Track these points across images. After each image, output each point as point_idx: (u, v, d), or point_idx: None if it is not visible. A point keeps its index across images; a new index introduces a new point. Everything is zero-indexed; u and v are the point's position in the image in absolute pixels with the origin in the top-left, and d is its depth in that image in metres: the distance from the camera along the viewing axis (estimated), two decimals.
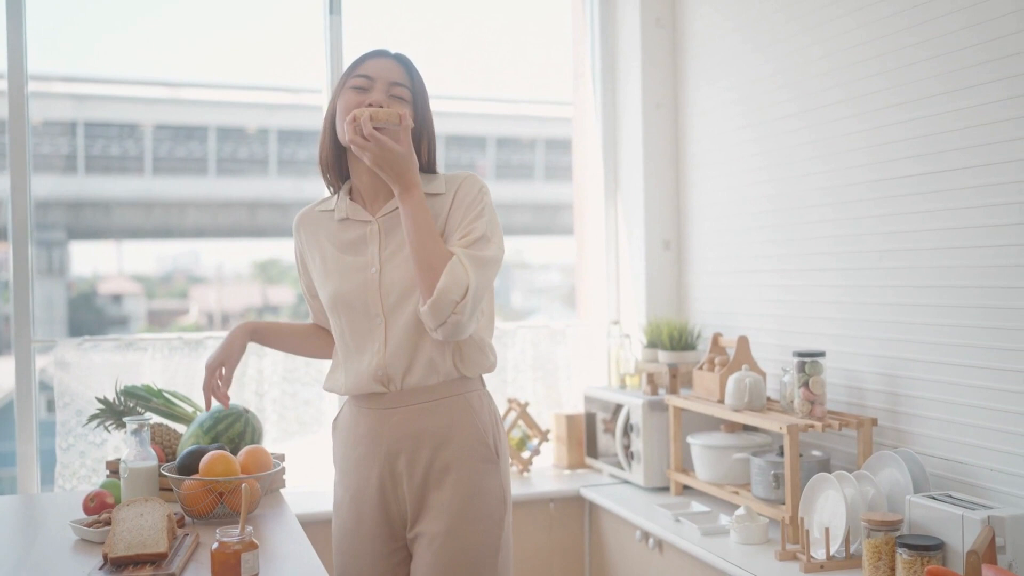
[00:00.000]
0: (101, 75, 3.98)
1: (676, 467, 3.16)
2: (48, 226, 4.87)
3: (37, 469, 3.28)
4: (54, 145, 4.39)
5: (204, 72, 3.72)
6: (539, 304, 7.66)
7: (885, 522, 2.25)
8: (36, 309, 3.51)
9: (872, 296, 2.76)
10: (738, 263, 3.39)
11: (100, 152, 4.43)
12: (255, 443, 2.72)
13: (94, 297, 5.87)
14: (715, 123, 3.51)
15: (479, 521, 2.03)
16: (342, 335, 2.12)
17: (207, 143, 4.88)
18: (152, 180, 4.27)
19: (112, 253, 5.84)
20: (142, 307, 6.50)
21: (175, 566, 1.99)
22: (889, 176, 2.68)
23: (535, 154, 4.87)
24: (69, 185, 4.55)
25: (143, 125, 4.42)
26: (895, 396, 2.68)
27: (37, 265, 3.92)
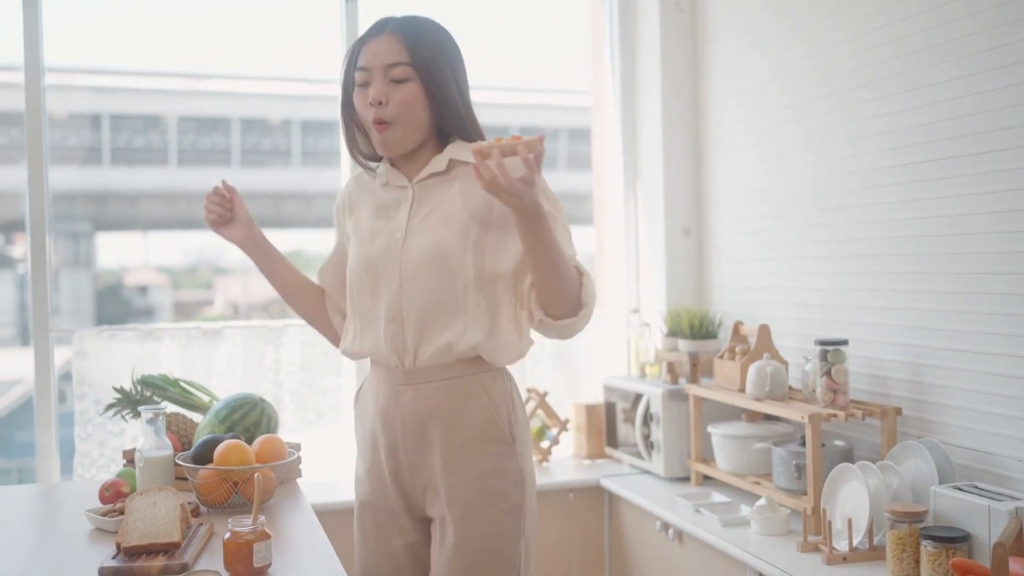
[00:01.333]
0: (125, 67, 3.99)
1: (697, 457, 3.13)
2: (74, 218, 4.89)
3: (56, 458, 3.28)
4: (79, 138, 4.40)
5: (227, 63, 3.73)
6: None
7: (909, 513, 2.20)
8: (63, 300, 3.52)
9: (896, 283, 2.71)
10: (759, 250, 3.34)
11: (125, 144, 4.43)
12: (271, 432, 2.70)
13: (120, 288, 5.91)
14: (735, 109, 3.46)
15: (496, 504, 1.99)
16: (363, 300, 2.06)
17: (231, 135, 4.87)
18: (177, 171, 4.27)
19: (138, 244, 5.87)
20: (168, 298, 6.52)
21: (188, 556, 1.97)
22: (913, 160, 2.62)
23: (558, 144, 4.83)
24: (94, 177, 4.56)
25: (167, 117, 4.41)
26: (920, 385, 2.63)
27: (64, 257, 3.93)
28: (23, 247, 5.30)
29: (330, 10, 3.58)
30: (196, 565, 1.99)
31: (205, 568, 1.94)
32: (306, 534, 2.22)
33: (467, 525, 1.98)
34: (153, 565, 1.93)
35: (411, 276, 1.96)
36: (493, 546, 1.99)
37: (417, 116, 1.96)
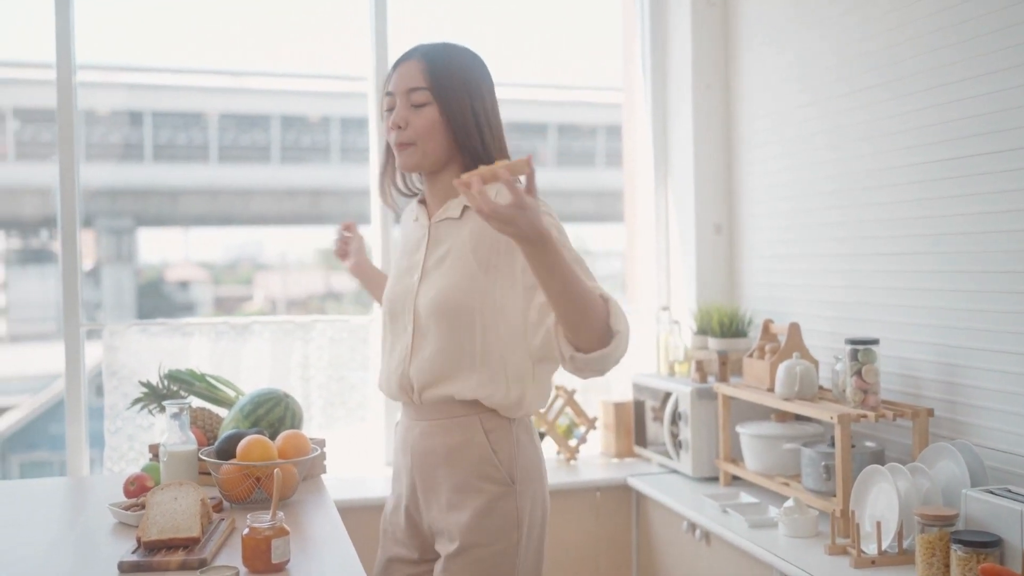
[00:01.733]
0: (167, 65, 4.03)
1: (725, 457, 3.09)
2: (116, 214, 4.95)
3: (86, 452, 3.31)
4: (122, 134, 4.45)
5: (267, 61, 3.75)
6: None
7: (939, 517, 2.15)
8: (105, 295, 3.56)
9: (929, 282, 2.65)
10: (791, 247, 3.29)
11: (166, 141, 4.48)
12: (295, 428, 2.70)
13: (162, 284, 5.98)
14: (767, 103, 3.41)
15: (489, 544, 1.96)
16: (384, 337, 2.11)
17: (270, 131, 4.90)
18: (217, 168, 4.31)
19: (179, 240, 5.94)
20: (208, 293, 6.59)
21: (207, 551, 1.98)
22: (951, 156, 2.57)
23: (596, 141, 4.81)
24: (136, 173, 4.61)
25: (208, 114, 4.45)
26: (953, 386, 2.57)
27: (106, 252, 3.96)
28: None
29: (360, 6, 3.58)
30: (216, 560, 1.99)
31: (224, 564, 1.94)
32: (327, 531, 2.21)
33: (458, 564, 1.96)
34: (172, 560, 1.93)
35: (422, 325, 1.98)
36: None
37: (435, 140, 1.96)
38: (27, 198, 4.01)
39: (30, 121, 3.87)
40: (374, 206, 3.57)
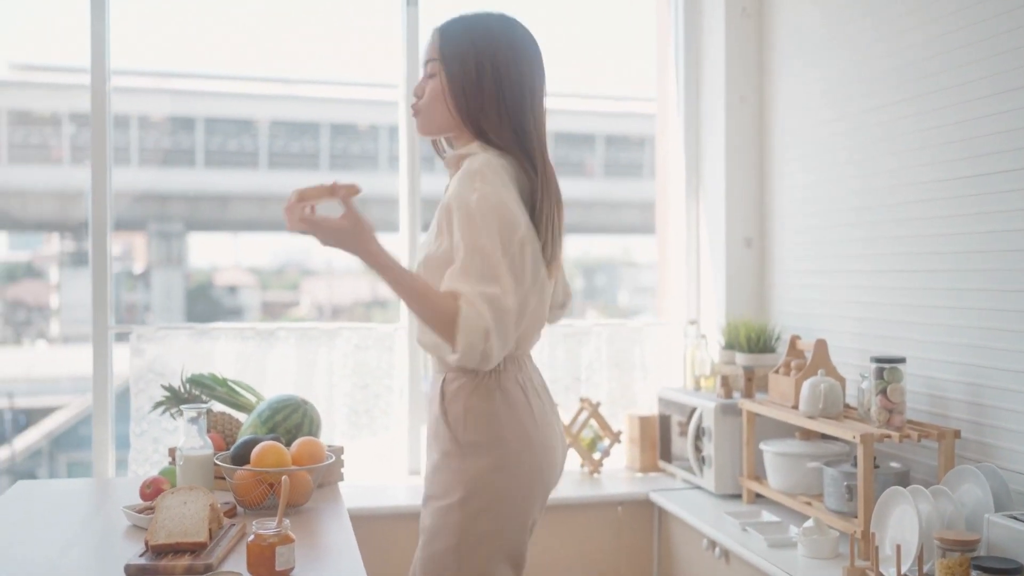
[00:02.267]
0: (220, 72, 4.09)
1: (749, 474, 3.04)
2: (168, 218, 5.03)
3: (112, 453, 3.34)
4: (175, 140, 4.52)
5: (317, 69, 3.78)
6: (645, 303, 7.60)
7: (960, 542, 2.09)
8: (155, 298, 3.61)
9: (956, 300, 2.60)
10: (821, 262, 3.24)
11: (218, 147, 4.54)
12: (312, 435, 2.71)
13: (210, 288, 6.06)
14: (801, 116, 3.36)
15: (439, 499, 2.00)
16: None
17: (320, 139, 4.94)
18: (267, 175, 4.36)
19: (229, 245, 6.02)
20: (256, 298, 6.66)
21: (214, 556, 1.98)
22: (981, 172, 2.51)
23: (643, 152, 4.80)
24: (188, 179, 4.68)
25: (259, 121, 4.51)
26: (981, 407, 2.51)
27: (156, 256, 4.01)
28: (120, 245, 5.48)
29: (393, 15, 3.59)
30: (223, 566, 1.99)
31: (229, 570, 1.94)
32: (337, 539, 2.21)
33: (424, 510, 2.05)
34: (177, 564, 1.93)
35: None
36: (428, 540, 2.02)
37: (436, 109, 2.01)
38: (81, 201, 4.10)
39: (86, 125, 3.96)
40: (403, 213, 3.57)
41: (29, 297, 5.58)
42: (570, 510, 3.25)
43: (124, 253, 5.68)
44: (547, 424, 2.03)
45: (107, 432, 3.32)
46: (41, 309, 5.41)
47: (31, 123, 3.79)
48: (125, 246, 5.69)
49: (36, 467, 7.42)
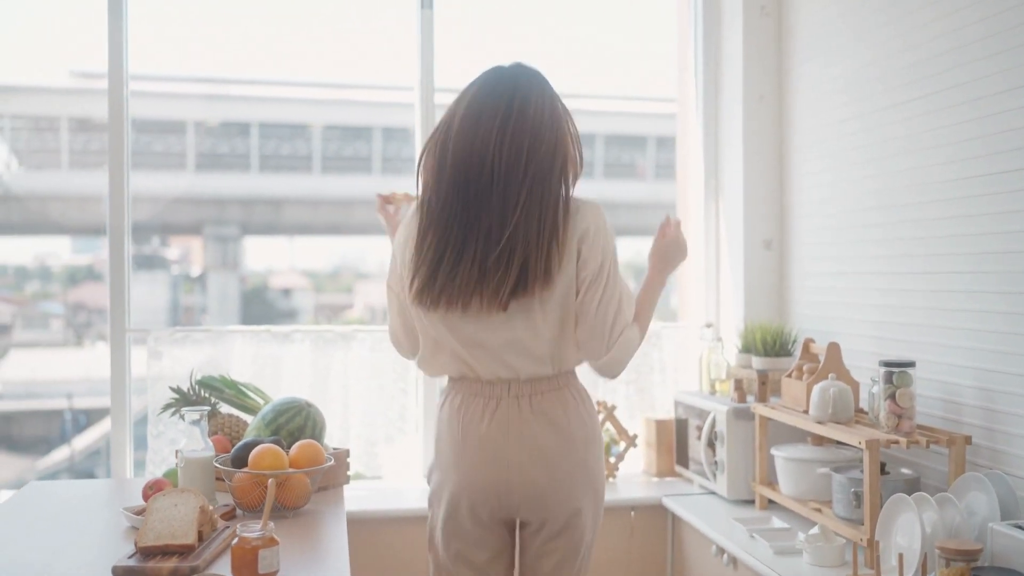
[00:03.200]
0: (275, 78, 4.16)
1: (761, 480, 2.99)
2: (223, 222, 5.11)
3: (130, 454, 3.38)
4: (231, 145, 4.59)
5: (369, 74, 3.83)
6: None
7: (961, 551, 2.04)
8: (210, 301, 3.69)
9: (977, 302, 2.53)
10: (840, 264, 3.18)
11: (272, 152, 4.61)
12: (315, 438, 2.72)
13: (265, 291, 6.14)
14: (820, 115, 3.30)
15: None
16: None
17: (372, 143, 4.98)
18: (321, 179, 4.41)
19: (284, 248, 6.10)
20: (310, 301, 6.72)
21: (201, 559, 1.98)
22: (998, 170, 2.44)
23: (646, 152, 4.79)
24: (243, 183, 4.76)
25: (313, 125, 4.56)
26: (993, 413, 2.44)
27: (212, 259, 4.07)
28: (178, 249, 5.59)
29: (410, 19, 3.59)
30: (212, 568, 2.00)
31: (216, 572, 1.94)
32: (328, 543, 2.21)
33: None
34: (163, 567, 1.95)
35: None
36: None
37: None
38: (140, 206, 4.21)
39: (143, 132, 4.04)
40: None
41: (90, 299, 5.72)
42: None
43: (182, 256, 5.80)
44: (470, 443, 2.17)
45: (125, 433, 3.36)
46: (101, 311, 5.57)
47: (91, 130, 3.91)
48: (183, 250, 5.80)
49: (95, 466, 7.55)
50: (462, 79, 2.18)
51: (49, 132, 4.10)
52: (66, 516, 2.47)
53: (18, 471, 6.73)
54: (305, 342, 3.47)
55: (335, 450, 2.82)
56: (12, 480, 4.79)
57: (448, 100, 2.16)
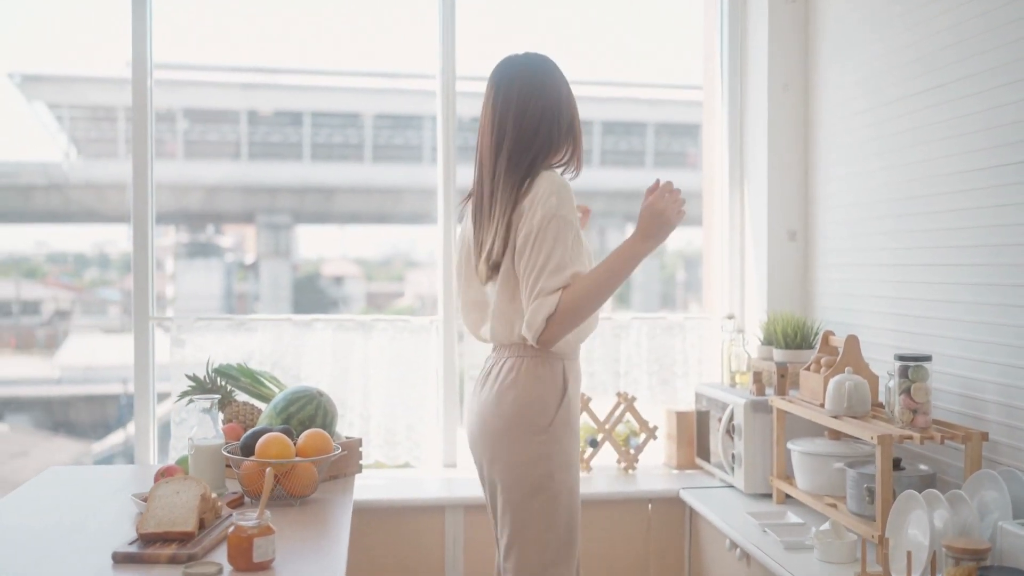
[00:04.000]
0: (326, 67, 4.20)
1: (779, 474, 2.95)
2: (276, 211, 5.19)
3: (154, 440, 3.42)
4: (283, 134, 4.65)
5: (419, 63, 3.85)
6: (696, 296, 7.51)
7: (968, 550, 1.99)
8: (263, 289, 3.73)
9: (999, 296, 2.46)
10: (864, 257, 3.12)
11: (324, 140, 4.65)
12: (326, 427, 2.73)
13: (318, 279, 6.23)
14: (843, 105, 3.24)
15: None
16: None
17: (422, 131, 5.01)
18: (372, 167, 4.44)
19: (336, 237, 6.17)
20: (361, 289, 6.81)
21: (200, 546, 2.00)
22: (1015, 160, 2.37)
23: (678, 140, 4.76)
24: (295, 172, 4.81)
25: (364, 114, 4.59)
26: (1012, 409, 2.38)
27: (265, 248, 4.11)
28: (232, 237, 5.66)
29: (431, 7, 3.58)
30: (212, 556, 2.01)
31: (211, 560, 1.96)
32: (329, 532, 2.22)
33: None
34: (162, 553, 1.97)
35: None
36: None
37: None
38: (193, 194, 4.27)
39: (198, 121, 4.10)
40: (440, 205, 3.56)
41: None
42: (602, 506, 3.20)
43: (236, 244, 5.90)
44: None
45: (148, 420, 3.41)
46: (158, 298, 5.78)
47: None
48: (237, 238, 5.89)
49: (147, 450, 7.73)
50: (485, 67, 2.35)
51: (106, 121, 4.18)
52: (79, 502, 2.51)
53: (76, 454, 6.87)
54: (327, 331, 3.49)
55: (347, 439, 2.83)
56: (70, 463, 4.88)
57: (470, 88, 2.30)
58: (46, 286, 6.79)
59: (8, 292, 6.92)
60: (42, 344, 7.11)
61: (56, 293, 6.88)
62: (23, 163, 4.83)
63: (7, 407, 6.85)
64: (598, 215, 4.35)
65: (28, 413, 7.06)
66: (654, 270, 4.84)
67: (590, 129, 4.46)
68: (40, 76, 3.96)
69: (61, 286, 6.84)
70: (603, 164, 4.84)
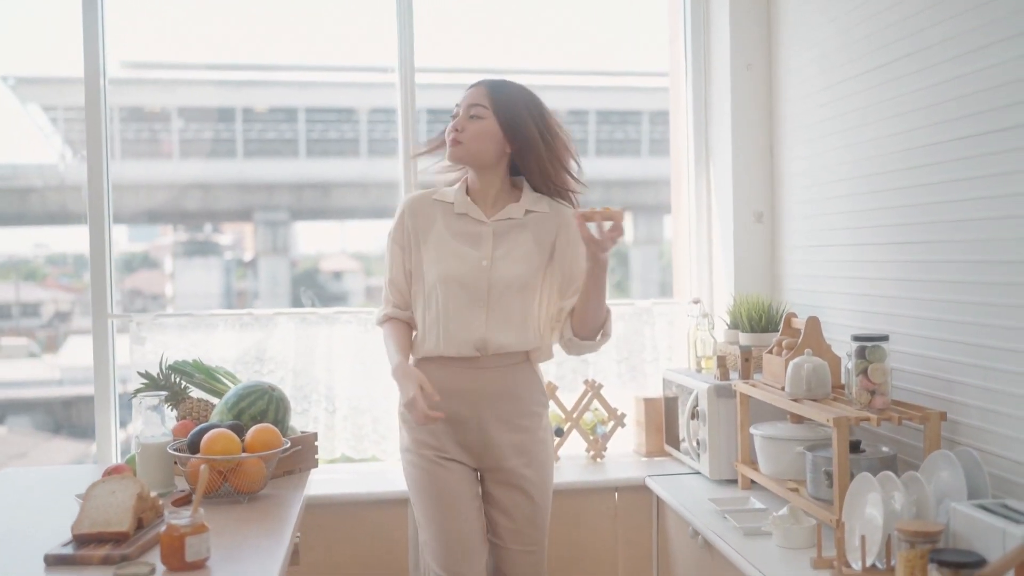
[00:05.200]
0: (321, 63, 4.18)
1: (744, 459, 2.91)
2: (273, 207, 5.17)
3: (115, 440, 3.38)
4: (278, 131, 4.62)
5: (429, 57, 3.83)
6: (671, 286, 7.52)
7: (920, 533, 1.94)
8: (261, 285, 3.74)
9: (946, 273, 2.42)
10: (830, 237, 3.07)
11: (319, 136, 4.63)
12: (279, 422, 2.69)
13: (316, 274, 6.22)
14: (807, 83, 3.18)
15: (540, 458, 2.58)
16: (444, 308, 2.49)
17: (419, 124, 5.01)
18: (368, 162, 4.42)
19: (335, 232, 6.16)
20: (360, 284, 6.80)
21: (134, 546, 1.96)
22: (976, 132, 2.31)
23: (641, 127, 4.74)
24: (291, 168, 4.79)
25: (359, 110, 4.56)
26: (970, 388, 2.33)
27: (263, 244, 4.13)
28: (231, 235, 5.65)
29: None
30: (146, 557, 1.97)
31: (143, 561, 1.92)
32: (272, 530, 2.17)
33: (531, 469, 2.55)
34: (95, 554, 1.93)
35: (497, 298, 2.48)
36: (545, 483, 2.64)
37: (486, 146, 2.49)
38: (191, 192, 4.26)
39: (193, 119, 4.08)
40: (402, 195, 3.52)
41: (145, 286, 5.87)
42: (569, 495, 3.15)
43: (235, 242, 5.90)
44: None
45: (109, 419, 3.36)
46: (156, 297, 5.72)
47: (142, 119, 3.98)
48: (235, 235, 5.90)
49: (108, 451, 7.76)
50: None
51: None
52: (26, 503, 2.47)
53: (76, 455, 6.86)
54: (288, 325, 3.44)
55: (302, 433, 2.79)
56: (69, 464, 4.87)
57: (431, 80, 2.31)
58: (46, 288, 6.76)
59: (8, 295, 6.92)
60: (43, 345, 7.10)
61: (56, 295, 6.86)
62: (19, 165, 4.82)
63: (9, 409, 6.87)
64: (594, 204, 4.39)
65: (29, 415, 7.06)
66: (652, 259, 4.77)
67: (585, 119, 4.43)
68: (34, 78, 3.95)
69: (61, 288, 6.81)
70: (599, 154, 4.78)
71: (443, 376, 2.47)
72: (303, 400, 3.42)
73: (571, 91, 4.42)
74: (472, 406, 2.49)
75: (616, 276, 4.13)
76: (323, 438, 3.43)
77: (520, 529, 2.53)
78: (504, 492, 2.53)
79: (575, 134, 4.16)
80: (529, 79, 2.66)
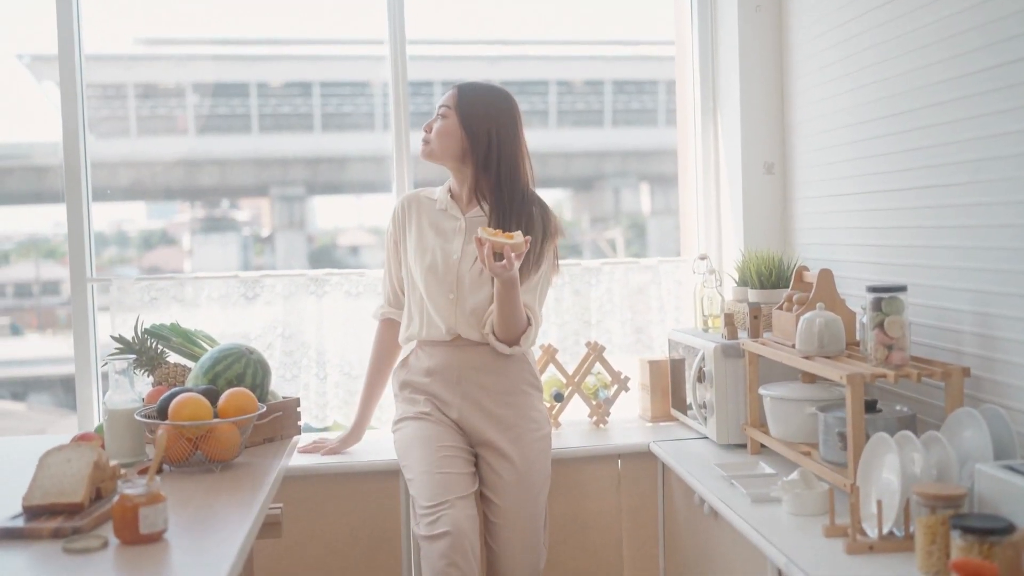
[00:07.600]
0: (334, 36, 4.08)
1: (753, 422, 2.74)
2: (289, 182, 5.10)
3: (96, 408, 3.24)
4: (293, 105, 4.52)
5: (425, 28, 3.67)
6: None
7: (941, 497, 1.77)
8: (278, 260, 3.72)
9: (982, 216, 2.23)
10: (845, 187, 2.88)
11: (334, 110, 4.53)
12: (257, 386, 2.54)
13: (333, 249, 6.17)
14: (824, 22, 2.98)
15: (531, 434, 2.68)
16: (424, 296, 2.68)
17: (433, 99, 4.88)
18: (383, 135, 4.32)
19: (352, 206, 6.11)
20: (377, 258, 6.82)
21: (89, 518, 1.82)
22: (1002, 61, 2.12)
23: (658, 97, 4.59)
24: (307, 143, 4.70)
25: (373, 83, 4.46)
26: (998, 341, 2.16)
27: (280, 220, 4.13)
28: (248, 211, 5.57)
29: None
30: (101, 529, 1.83)
31: (97, 534, 1.77)
32: (243, 500, 2.03)
33: (517, 446, 2.64)
34: (45, 527, 1.79)
35: (464, 292, 2.63)
36: (541, 467, 2.74)
37: (448, 143, 2.65)
38: (207, 169, 4.20)
39: (207, 96, 3.99)
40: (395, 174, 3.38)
41: (164, 263, 5.84)
42: (570, 463, 3.00)
43: (252, 218, 5.85)
44: None
45: (91, 390, 3.23)
46: (176, 274, 5.79)
47: (157, 95, 3.90)
48: (253, 211, 5.85)
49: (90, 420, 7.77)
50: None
51: (116, 99, 4.10)
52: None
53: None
54: (276, 288, 3.29)
55: (284, 399, 2.64)
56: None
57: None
58: (64, 266, 6.71)
59: (28, 273, 6.90)
60: (64, 324, 7.04)
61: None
62: (36, 143, 4.77)
63: (30, 387, 6.83)
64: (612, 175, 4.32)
65: (49, 392, 7.04)
66: (670, 229, 4.62)
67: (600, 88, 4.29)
68: (49, 56, 3.87)
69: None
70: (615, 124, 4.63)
71: (428, 355, 2.69)
72: (294, 366, 3.28)
73: (588, 61, 4.29)
74: (456, 383, 2.65)
75: (633, 247, 3.98)
76: (314, 405, 3.29)
77: (509, 493, 2.62)
78: (491, 461, 2.63)
79: (591, 105, 4.03)
80: (546, 50, 2.61)
